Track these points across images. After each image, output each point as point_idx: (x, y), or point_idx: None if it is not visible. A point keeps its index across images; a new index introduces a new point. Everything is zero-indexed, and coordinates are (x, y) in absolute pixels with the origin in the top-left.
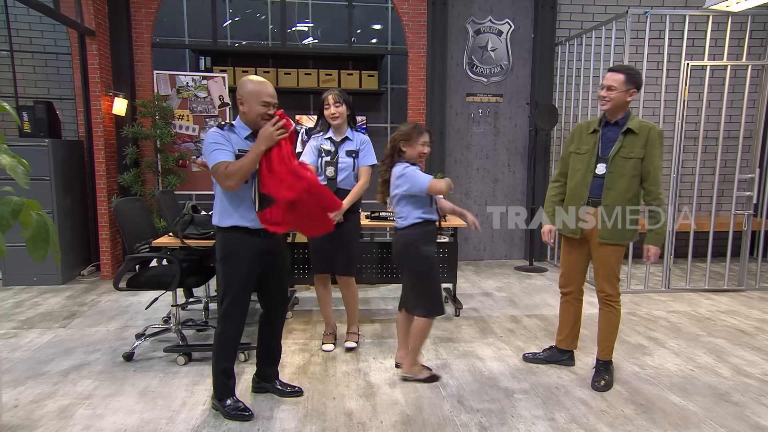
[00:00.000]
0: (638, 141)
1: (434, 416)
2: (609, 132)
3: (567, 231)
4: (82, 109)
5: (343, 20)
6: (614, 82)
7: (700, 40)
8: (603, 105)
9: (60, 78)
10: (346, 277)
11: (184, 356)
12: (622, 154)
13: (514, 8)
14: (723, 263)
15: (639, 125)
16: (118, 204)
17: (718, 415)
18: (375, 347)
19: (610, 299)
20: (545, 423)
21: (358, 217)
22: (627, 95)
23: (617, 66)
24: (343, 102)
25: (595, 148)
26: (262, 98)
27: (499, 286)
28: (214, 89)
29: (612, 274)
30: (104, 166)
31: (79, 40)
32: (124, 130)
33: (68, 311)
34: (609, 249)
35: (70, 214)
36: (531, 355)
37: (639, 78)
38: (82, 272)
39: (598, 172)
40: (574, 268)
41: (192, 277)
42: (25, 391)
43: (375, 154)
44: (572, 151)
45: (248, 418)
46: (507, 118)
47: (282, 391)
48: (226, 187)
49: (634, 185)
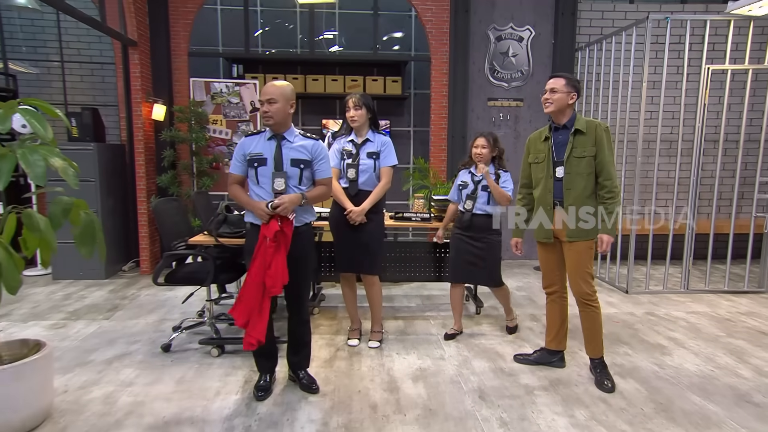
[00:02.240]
0: (588, 140)
1: (456, 410)
2: (560, 136)
3: (540, 237)
4: (124, 114)
5: (367, 28)
6: (557, 85)
7: (721, 44)
8: (547, 107)
9: (104, 86)
10: (370, 276)
11: (218, 348)
12: (575, 154)
13: (534, 15)
14: (743, 265)
15: (586, 124)
16: (156, 204)
17: (739, 415)
18: (398, 343)
19: (587, 298)
20: (565, 419)
21: (381, 218)
22: (568, 97)
23: (558, 73)
24: (363, 105)
25: (550, 153)
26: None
27: (519, 286)
28: (246, 95)
29: (585, 272)
30: (144, 168)
31: (123, 50)
32: (162, 135)
33: (111, 304)
34: (578, 246)
35: (113, 214)
36: (522, 357)
37: (578, 84)
38: (123, 268)
39: (558, 176)
40: (552, 269)
41: (225, 274)
42: (74, 378)
43: (396, 156)
44: (531, 162)
45: (255, 397)
46: (527, 121)
47: (301, 382)
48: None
49: (591, 183)
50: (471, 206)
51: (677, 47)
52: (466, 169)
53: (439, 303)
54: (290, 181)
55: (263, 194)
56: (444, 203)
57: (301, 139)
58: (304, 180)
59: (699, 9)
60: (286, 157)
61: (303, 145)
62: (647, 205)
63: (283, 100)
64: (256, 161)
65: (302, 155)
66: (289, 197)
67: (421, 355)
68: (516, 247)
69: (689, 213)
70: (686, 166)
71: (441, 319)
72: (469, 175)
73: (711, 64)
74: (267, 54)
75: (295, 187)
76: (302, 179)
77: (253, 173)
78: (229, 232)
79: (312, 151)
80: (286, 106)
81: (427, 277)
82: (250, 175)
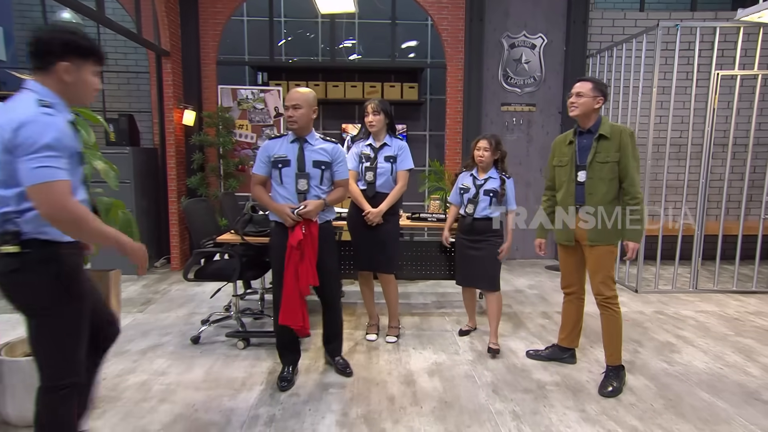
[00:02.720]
0: (612, 145)
1: (470, 403)
2: (584, 140)
3: (561, 239)
4: (157, 120)
5: (385, 37)
6: (583, 89)
7: (730, 51)
8: (572, 111)
9: (139, 94)
10: (387, 275)
11: (243, 341)
12: (598, 159)
13: (547, 23)
14: (751, 266)
15: (610, 129)
16: (187, 204)
17: (748, 413)
18: (415, 338)
19: (607, 302)
20: (576, 413)
21: (397, 219)
22: (595, 102)
23: (585, 77)
24: (381, 111)
25: (574, 157)
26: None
27: (531, 284)
28: (270, 101)
29: (606, 276)
30: (175, 171)
31: (156, 60)
32: (192, 139)
33: (144, 298)
34: (599, 250)
35: (146, 213)
36: (534, 352)
37: (605, 88)
38: (155, 264)
39: (580, 180)
40: (572, 271)
41: (250, 271)
42: (111, 367)
43: (412, 160)
44: (555, 165)
45: (278, 387)
46: (539, 126)
47: (336, 366)
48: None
49: (614, 188)
50: (472, 210)
51: (687, 53)
52: (468, 171)
53: (453, 300)
54: (312, 182)
55: (286, 194)
56: None
57: (321, 142)
58: (325, 180)
59: (708, 16)
60: (309, 159)
61: (323, 147)
62: (657, 206)
63: (306, 105)
64: (280, 162)
65: (323, 157)
66: (312, 204)
67: (436, 350)
68: (540, 247)
69: (697, 214)
70: (695, 169)
71: (455, 316)
72: (471, 178)
73: (720, 70)
74: (290, 62)
75: (317, 186)
76: (323, 180)
77: (277, 174)
78: (254, 231)
79: (332, 154)
80: (309, 112)
81: (442, 275)
82: (273, 175)
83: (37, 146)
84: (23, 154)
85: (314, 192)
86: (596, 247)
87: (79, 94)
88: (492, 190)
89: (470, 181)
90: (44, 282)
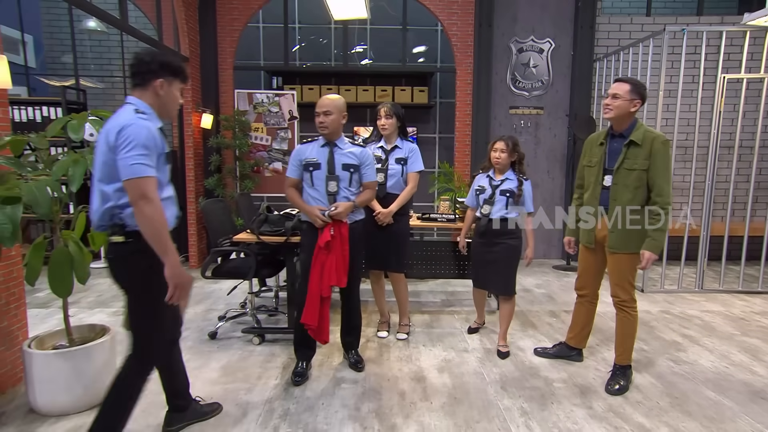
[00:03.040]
0: (641, 152)
1: (479, 399)
2: (615, 144)
3: (583, 240)
4: (177, 123)
5: (396, 42)
6: (620, 90)
7: (736, 54)
8: (606, 113)
9: None
10: (397, 273)
11: (259, 337)
12: (625, 165)
13: (554, 28)
14: (757, 266)
15: (643, 136)
16: (205, 205)
17: (754, 411)
18: (424, 336)
19: (624, 305)
20: (583, 410)
21: (407, 219)
22: (631, 105)
23: (624, 77)
24: (394, 115)
25: (602, 160)
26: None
27: (539, 283)
28: (285, 105)
29: (625, 281)
30: (193, 172)
31: None
32: (209, 141)
33: None
34: (619, 258)
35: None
36: (541, 350)
37: (644, 90)
38: None
39: (605, 184)
40: (589, 273)
41: (265, 269)
42: None
43: (423, 162)
44: (585, 165)
45: (292, 382)
46: (547, 128)
47: (350, 360)
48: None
49: (639, 197)
50: (488, 211)
51: (693, 57)
52: (484, 173)
53: (462, 299)
54: (341, 183)
55: (317, 195)
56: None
57: (350, 146)
58: (354, 182)
59: (714, 21)
60: (338, 162)
61: (352, 151)
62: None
63: (337, 111)
64: (311, 166)
65: (352, 160)
66: (343, 205)
67: (446, 347)
68: (569, 245)
69: (703, 215)
70: (701, 171)
71: (464, 314)
72: (487, 179)
73: (727, 73)
74: (304, 67)
75: (346, 188)
76: (351, 182)
77: (309, 177)
78: (269, 231)
79: (360, 157)
80: (339, 117)
81: (451, 274)
82: (305, 178)
83: (132, 145)
84: (121, 152)
85: (343, 193)
86: (616, 255)
87: (167, 107)
88: (508, 191)
89: (486, 182)
90: (140, 268)
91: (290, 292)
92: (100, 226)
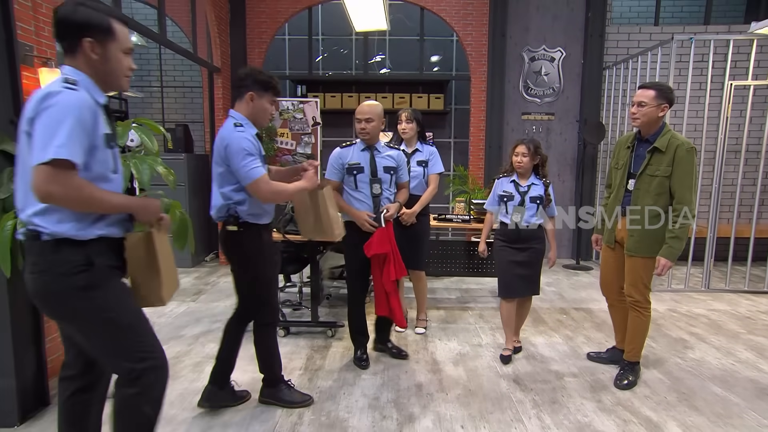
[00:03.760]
0: (665, 159)
1: (493, 392)
2: (641, 148)
3: (605, 239)
4: (209, 129)
5: (413, 51)
6: (645, 98)
7: (743, 62)
8: (634, 121)
9: (193, 106)
10: (417, 271)
11: (284, 330)
12: (648, 171)
13: (565, 37)
14: (763, 267)
15: (667, 143)
16: None
17: (761, 407)
18: (441, 330)
19: (637, 305)
20: (592, 404)
21: (427, 220)
22: (658, 110)
23: (648, 83)
24: (414, 120)
25: (628, 163)
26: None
27: (549, 282)
28: (309, 111)
29: (640, 283)
30: None
31: (209, 76)
32: None
33: (196, 288)
34: (636, 261)
35: (198, 213)
36: (595, 354)
37: (670, 94)
38: (205, 258)
39: (629, 188)
40: (611, 273)
41: (290, 266)
42: (168, 350)
43: (442, 164)
44: (613, 166)
45: (359, 366)
46: (558, 133)
47: (391, 351)
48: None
49: (660, 203)
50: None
51: (700, 65)
52: (507, 177)
53: (476, 296)
54: (383, 185)
55: (362, 197)
56: (481, 206)
57: (387, 149)
58: (392, 184)
59: (721, 30)
60: (379, 165)
61: (390, 154)
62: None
63: (377, 118)
64: (355, 169)
65: (391, 163)
66: (393, 207)
67: (461, 341)
68: (596, 242)
69: (710, 217)
70: (708, 174)
71: (478, 311)
72: (512, 185)
73: (734, 81)
74: (326, 75)
75: (387, 189)
76: (392, 183)
77: (352, 180)
78: (294, 230)
79: (397, 160)
80: (379, 123)
81: (466, 272)
82: (347, 181)
83: (241, 154)
84: (235, 162)
85: (385, 194)
86: (633, 258)
87: (258, 116)
88: (538, 197)
89: (512, 187)
90: (251, 250)
91: (314, 288)
92: (219, 217)
